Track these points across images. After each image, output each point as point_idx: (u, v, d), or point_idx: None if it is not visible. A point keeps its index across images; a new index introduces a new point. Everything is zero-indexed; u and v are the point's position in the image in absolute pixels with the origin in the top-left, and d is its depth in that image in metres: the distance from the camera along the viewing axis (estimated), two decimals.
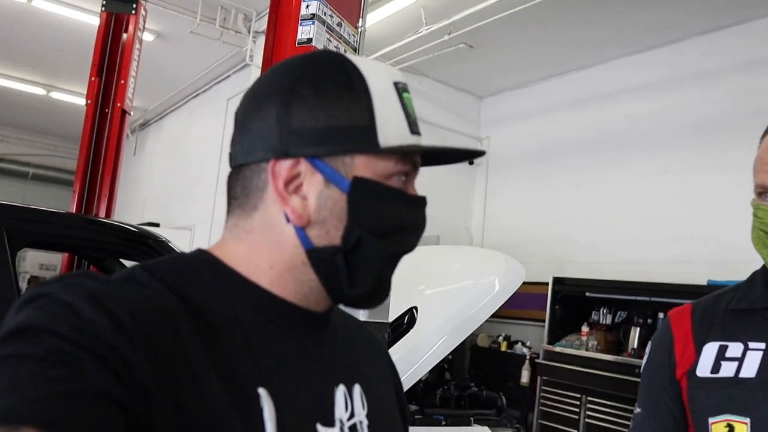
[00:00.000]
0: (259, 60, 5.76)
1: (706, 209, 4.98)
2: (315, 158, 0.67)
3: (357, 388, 0.74)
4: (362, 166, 0.67)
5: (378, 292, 0.72)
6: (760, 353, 1.06)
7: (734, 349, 1.09)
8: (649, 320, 4.92)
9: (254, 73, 5.87)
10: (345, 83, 0.68)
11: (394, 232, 0.69)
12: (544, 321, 5.40)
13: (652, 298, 4.81)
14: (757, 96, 4.82)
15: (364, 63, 0.70)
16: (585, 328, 5.09)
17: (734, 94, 4.98)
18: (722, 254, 4.70)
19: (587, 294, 5.24)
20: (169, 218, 7.58)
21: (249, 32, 5.69)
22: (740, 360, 1.07)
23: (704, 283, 4.42)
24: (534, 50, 6.01)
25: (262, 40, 5.74)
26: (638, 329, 4.84)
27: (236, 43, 5.92)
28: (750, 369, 1.06)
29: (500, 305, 2.90)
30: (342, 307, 0.79)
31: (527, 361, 5.59)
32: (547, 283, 5.39)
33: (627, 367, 4.56)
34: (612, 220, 5.71)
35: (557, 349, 5.14)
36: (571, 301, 5.34)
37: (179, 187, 7.72)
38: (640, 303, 4.99)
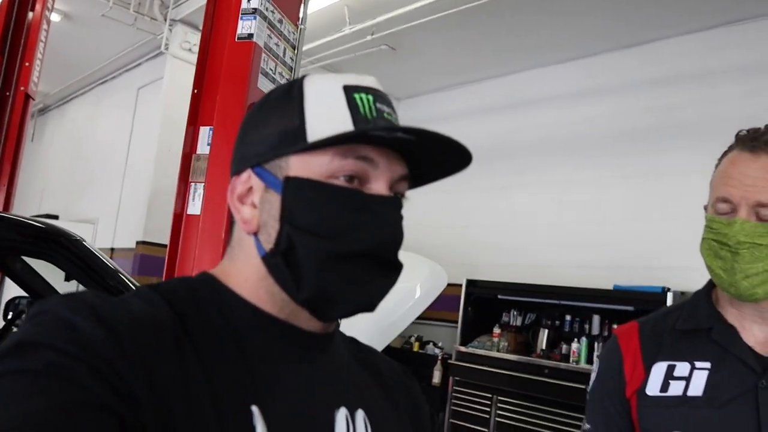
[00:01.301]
0: (175, 49, 5.55)
1: (613, 216, 5.22)
2: (256, 167, 0.70)
3: (360, 413, 0.73)
4: (297, 166, 0.68)
5: (334, 296, 0.67)
6: (706, 372, 1.12)
7: (682, 368, 1.14)
8: (557, 322, 5.11)
9: (169, 62, 5.65)
10: (284, 96, 0.71)
11: (337, 231, 0.66)
12: (456, 322, 5.49)
13: (561, 301, 4.99)
14: (658, 112, 5.11)
15: (315, 76, 0.72)
16: (497, 330, 5.22)
17: (640, 108, 5.25)
18: (627, 260, 4.95)
19: (499, 296, 5.38)
20: (69, 210, 7.17)
21: (165, 20, 5.46)
22: (687, 379, 1.13)
23: (610, 287, 4.64)
24: (454, 56, 6.10)
25: (179, 29, 5.53)
26: (547, 331, 5.02)
27: (151, 30, 5.67)
28: (697, 388, 1.11)
29: (423, 310, 2.92)
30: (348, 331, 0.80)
31: (439, 362, 5.68)
32: (460, 285, 5.49)
33: (536, 367, 4.71)
34: (525, 224, 5.89)
35: (469, 350, 5.25)
36: (484, 303, 5.45)
37: (82, 178, 7.32)
38: (549, 306, 5.16)
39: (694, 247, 1.18)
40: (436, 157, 0.72)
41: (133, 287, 2.67)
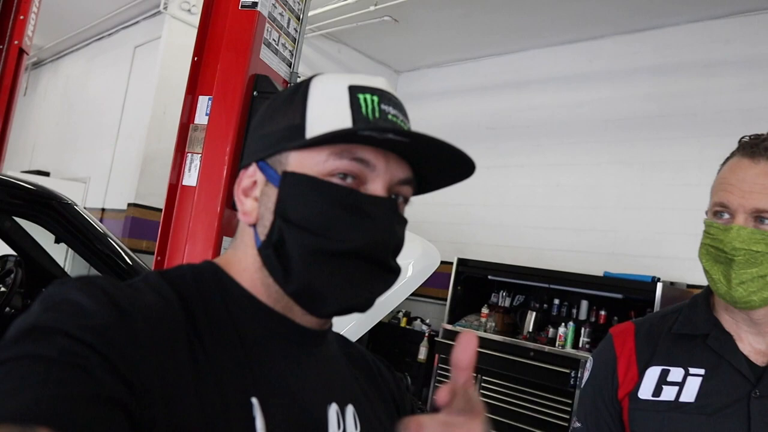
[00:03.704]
0: (174, 9, 5.44)
1: (607, 203, 5.22)
2: (260, 161, 0.73)
3: (350, 408, 0.75)
4: (295, 162, 0.69)
5: (322, 293, 0.68)
6: (699, 379, 1.12)
7: (675, 373, 1.14)
8: (545, 305, 5.14)
9: (167, 22, 5.54)
10: (291, 94, 0.73)
11: (326, 228, 0.67)
12: (445, 300, 5.50)
13: (550, 285, 5.00)
14: (661, 99, 5.07)
15: (323, 76, 0.74)
16: (485, 310, 5.24)
17: (641, 95, 5.21)
18: (618, 247, 4.95)
19: (489, 277, 5.38)
20: (60, 168, 7.09)
21: None
22: (681, 385, 1.12)
23: (600, 273, 4.64)
24: (456, 32, 6.02)
25: None
26: (534, 314, 5.04)
27: None
28: (690, 394, 1.11)
29: (414, 289, 2.90)
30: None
31: (426, 338, 5.70)
32: (451, 263, 5.48)
33: (521, 349, 4.74)
34: (518, 206, 5.88)
35: (456, 328, 5.26)
36: (473, 283, 5.46)
37: (74, 136, 7.22)
38: (538, 289, 5.18)
39: (686, 238, 1.18)
40: (438, 162, 0.72)
41: (122, 252, 2.65)
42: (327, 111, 0.70)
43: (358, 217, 0.68)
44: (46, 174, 6.81)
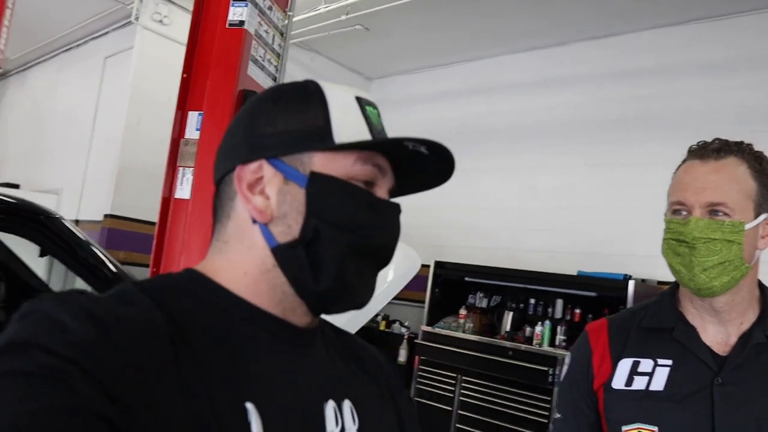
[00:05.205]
0: (145, 20, 5.43)
1: (578, 203, 5.34)
2: (274, 159, 0.71)
3: (347, 404, 0.76)
4: (320, 164, 0.71)
5: (346, 289, 0.72)
6: (667, 369, 1.22)
7: (645, 364, 1.24)
8: (522, 305, 5.24)
9: (139, 33, 5.53)
10: (302, 95, 0.74)
11: (355, 227, 0.71)
12: (423, 302, 5.57)
13: (526, 285, 5.10)
14: (625, 103, 5.22)
15: (328, 84, 0.75)
16: (462, 311, 5.32)
17: (605, 99, 5.35)
18: (591, 247, 5.08)
19: (466, 278, 5.47)
20: (30, 180, 7.00)
21: None
22: (650, 375, 1.23)
23: (574, 273, 4.76)
24: (426, 38, 6.12)
25: None
26: (511, 313, 5.13)
27: None
28: (659, 383, 1.21)
29: (395, 294, 2.96)
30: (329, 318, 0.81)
31: (405, 341, 5.76)
32: (428, 266, 5.56)
33: (500, 349, 4.83)
34: (492, 208, 5.98)
35: (435, 330, 5.34)
36: (451, 285, 5.54)
37: (44, 147, 7.14)
38: (514, 289, 5.28)
39: (655, 236, 1.28)
40: (422, 171, 0.79)
41: (107, 261, 2.67)
42: (347, 119, 0.73)
43: (379, 218, 0.74)
44: (16, 186, 6.74)
